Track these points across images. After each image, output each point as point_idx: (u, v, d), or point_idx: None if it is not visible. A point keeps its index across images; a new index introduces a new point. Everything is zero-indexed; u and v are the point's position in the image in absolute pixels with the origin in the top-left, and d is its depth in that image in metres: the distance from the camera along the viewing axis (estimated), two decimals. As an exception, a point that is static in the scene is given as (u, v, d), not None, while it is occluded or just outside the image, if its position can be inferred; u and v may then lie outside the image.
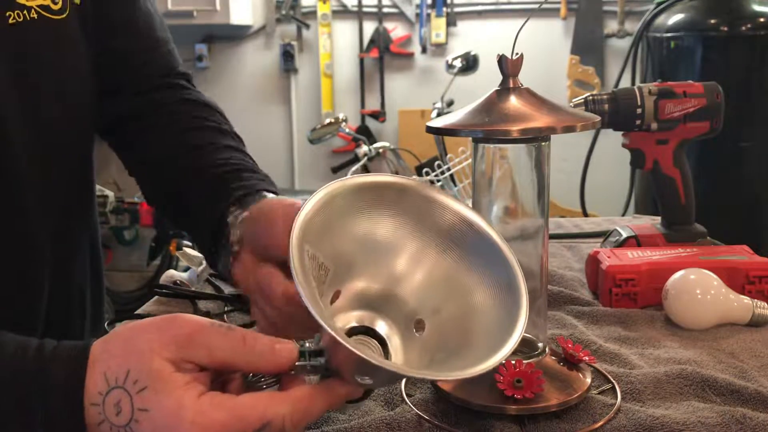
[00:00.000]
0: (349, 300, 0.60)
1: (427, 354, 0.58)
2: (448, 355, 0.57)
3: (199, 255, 0.99)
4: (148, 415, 0.49)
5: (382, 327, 0.60)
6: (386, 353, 0.58)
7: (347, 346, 0.49)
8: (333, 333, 0.49)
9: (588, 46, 3.48)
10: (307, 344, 0.54)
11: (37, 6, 0.75)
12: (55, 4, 0.77)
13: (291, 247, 0.52)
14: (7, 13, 0.72)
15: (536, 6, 3.49)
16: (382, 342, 0.59)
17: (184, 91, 0.93)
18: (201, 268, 1.01)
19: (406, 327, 0.60)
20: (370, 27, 3.64)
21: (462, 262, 0.61)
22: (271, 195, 0.76)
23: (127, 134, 0.91)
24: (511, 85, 0.67)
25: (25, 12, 0.74)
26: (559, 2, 3.49)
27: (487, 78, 1.33)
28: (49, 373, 0.51)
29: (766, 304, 0.87)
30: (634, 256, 0.96)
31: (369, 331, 0.59)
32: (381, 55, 3.62)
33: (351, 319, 0.59)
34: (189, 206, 0.83)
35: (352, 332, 0.58)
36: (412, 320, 0.60)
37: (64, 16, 0.79)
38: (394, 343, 0.59)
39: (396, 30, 3.65)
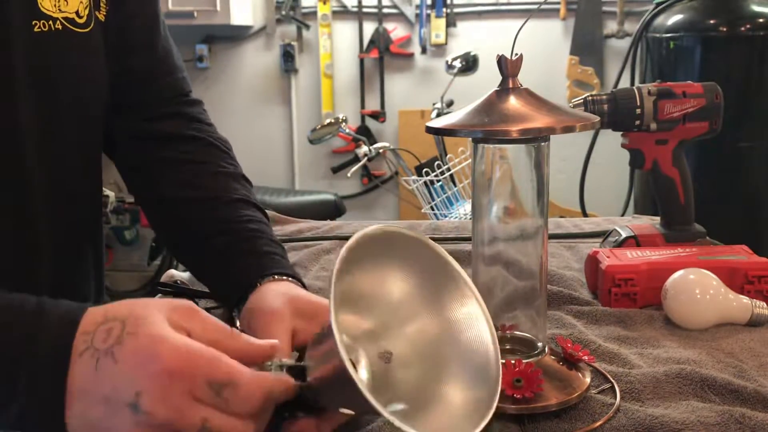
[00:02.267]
0: (340, 327, 0.62)
1: (383, 399, 0.60)
2: (403, 411, 0.59)
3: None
4: (134, 337, 0.53)
5: (359, 361, 0.63)
6: None
7: (361, 389, 0.51)
8: (351, 370, 0.51)
9: (587, 47, 3.49)
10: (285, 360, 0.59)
11: (63, 18, 0.78)
12: (80, 17, 0.80)
13: (333, 271, 0.54)
14: (33, 22, 0.76)
15: (536, 6, 3.49)
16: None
17: (195, 126, 0.94)
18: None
19: (375, 367, 0.62)
20: (370, 27, 3.64)
21: (450, 346, 0.62)
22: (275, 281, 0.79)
23: (135, 158, 0.93)
24: (511, 86, 0.67)
25: (50, 22, 0.77)
26: (558, 2, 3.49)
27: (487, 78, 1.33)
28: (46, 313, 0.55)
29: (765, 304, 0.87)
30: (633, 256, 0.97)
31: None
32: (381, 56, 3.63)
33: None
34: (207, 278, 0.89)
35: None
36: (383, 355, 0.63)
37: (89, 29, 0.82)
38: (362, 377, 0.62)
39: (396, 30, 3.65)
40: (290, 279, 0.79)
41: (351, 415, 0.64)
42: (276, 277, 0.78)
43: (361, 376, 0.62)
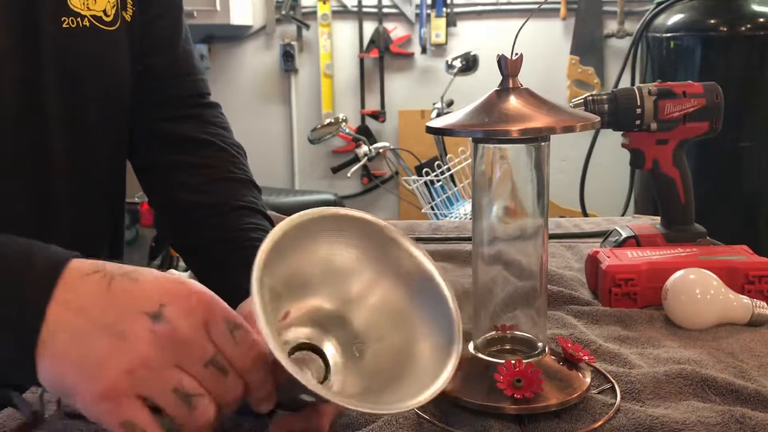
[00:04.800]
0: (302, 316, 0.62)
1: (364, 378, 0.61)
2: (383, 384, 0.60)
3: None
4: (150, 272, 0.54)
5: (328, 346, 0.62)
6: (327, 371, 0.61)
7: (289, 369, 0.51)
8: (279, 356, 0.51)
9: (588, 47, 3.49)
10: None
11: (91, 16, 0.82)
12: (107, 16, 0.84)
13: (254, 269, 0.54)
14: (62, 18, 0.80)
15: (536, 6, 3.49)
16: (326, 360, 0.62)
17: (209, 129, 0.95)
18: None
19: (349, 349, 0.63)
20: (370, 27, 3.65)
21: (412, 303, 0.63)
22: None
23: (148, 159, 0.94)
24: (511, 86, 0.67)
25: (78, 19, 0.81)
26: (559, 2, 3.49)
27: (487, 78, 1.33)
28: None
29: (765, 304, 0.87)
30: (633, 255, 0.97)
31: (315, 349, 0.62)
32: (381, 56, 3.63)
33: (301, 335, 0.62)
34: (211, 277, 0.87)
35: (299, 347, 0.61)
36: (356, 343, 0.63)
37: (115, 28, 0.85)
38: (337, 362, 0.62)
39: (396, 30, 3.65)
40: None
41: (348, 412, 0.64)
42: None
43: (332, 361, 0.62)
